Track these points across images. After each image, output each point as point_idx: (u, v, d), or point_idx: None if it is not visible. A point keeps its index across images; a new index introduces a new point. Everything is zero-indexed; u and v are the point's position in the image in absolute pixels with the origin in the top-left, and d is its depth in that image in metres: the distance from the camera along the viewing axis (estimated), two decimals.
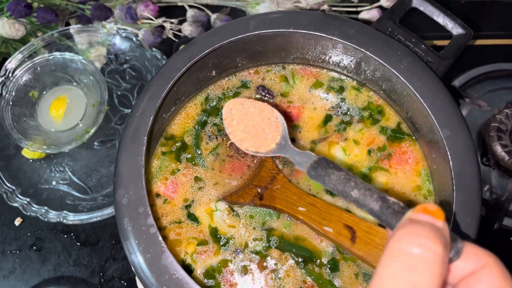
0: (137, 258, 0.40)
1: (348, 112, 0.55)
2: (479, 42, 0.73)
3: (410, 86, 0.44)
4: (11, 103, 0.67)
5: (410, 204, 0.50)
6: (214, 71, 0.52)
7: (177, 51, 0.46)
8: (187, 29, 0.71)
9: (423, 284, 0.23)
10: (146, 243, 0.40)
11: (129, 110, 0.67)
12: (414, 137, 0.53)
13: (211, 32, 0.46)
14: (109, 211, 0.64)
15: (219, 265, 0.48)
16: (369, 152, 0.53)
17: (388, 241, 0.25)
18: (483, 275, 0.25)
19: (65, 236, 0.65)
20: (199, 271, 0.48)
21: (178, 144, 0.53)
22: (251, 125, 0.40)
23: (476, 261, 0.25)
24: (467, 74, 0.69)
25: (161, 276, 0.39)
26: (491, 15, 0.76)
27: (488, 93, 0.69)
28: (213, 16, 0.72)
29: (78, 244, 0.65)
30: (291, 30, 0.47)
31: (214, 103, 0.55)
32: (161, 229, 0.49)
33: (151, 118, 0.43)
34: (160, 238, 0.40)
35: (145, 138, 0.42)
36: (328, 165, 0.32)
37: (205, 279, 0.47)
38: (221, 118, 0.55)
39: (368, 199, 0.29)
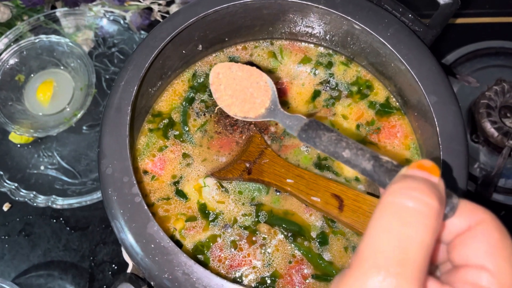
0: (123, 228, 0.39)
1: (337, 87, 0.55)
2: (469, 20, 0.73)
3: (396, 54, 0.44)
4: None
5: None
6: (200, 45, 0.52)
7: (161, 21, 0.45)
8: (175, 10, 0.70)
9: (417, 237, 0.22)
10: (131, 212, 0.39)
11: None
12: (402, 111, 0.53)
13: (196, 1, 0.46)
14: (98, 195, 0.63)
15: (208, 240, 0.48)
16: (358, 126, 0.53)
17: (382, 196, 0.24)
18: (479, 231, 0.24)
19: (54, 221, 0.65)
20: (188, 246, 0.47)
21: (166, 121, 0.53)
22: (239, 90, 0.38)
23: (471, 218, 0.24)
24: (457, 52, 0.69)
25: (147, 245, 0.38)
26: None
27: (477, 71, 0.69)
28: None
29: (68, 228, 0.64)
30: None
31: (202, 79, 0.55)
32: (149, 205, 0.48)
33: (135, 88, 0.42)
34: (146, 207, 0.39)
35: (129, 108, 0.41)
36: (319, 126, 0.31)
37: (194, 255, 0.47)
38: (209, 95, 0.54)
39: (360, 158, 0.28)
